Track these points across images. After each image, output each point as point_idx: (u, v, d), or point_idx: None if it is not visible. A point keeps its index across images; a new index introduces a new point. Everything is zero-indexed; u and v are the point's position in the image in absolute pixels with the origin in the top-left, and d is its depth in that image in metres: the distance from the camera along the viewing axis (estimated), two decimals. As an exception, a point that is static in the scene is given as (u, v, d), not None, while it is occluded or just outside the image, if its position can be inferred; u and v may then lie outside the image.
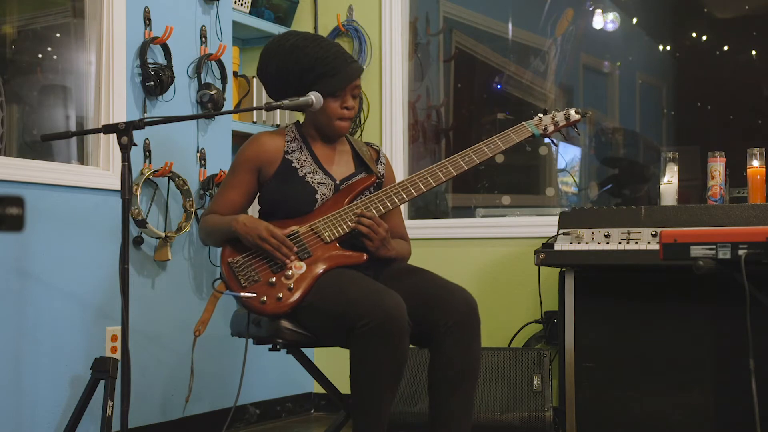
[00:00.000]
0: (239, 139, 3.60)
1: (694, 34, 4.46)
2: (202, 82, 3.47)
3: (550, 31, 4.44)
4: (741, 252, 2.04)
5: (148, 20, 3.26)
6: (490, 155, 2.63)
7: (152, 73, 3.22)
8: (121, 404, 2.31)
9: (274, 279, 2.47)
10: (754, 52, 4.18)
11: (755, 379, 2.00)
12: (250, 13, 3.90)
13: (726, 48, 4.33)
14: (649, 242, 2.96)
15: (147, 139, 3.23)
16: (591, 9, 4.45)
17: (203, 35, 3.50)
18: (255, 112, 3.92)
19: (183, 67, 3.41)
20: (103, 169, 3.11)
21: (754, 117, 4.16)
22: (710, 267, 2.04)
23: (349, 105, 2.64)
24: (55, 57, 3.52)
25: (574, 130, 2.78)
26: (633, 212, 3.07)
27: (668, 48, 4.67)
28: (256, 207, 2.73)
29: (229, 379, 3.52)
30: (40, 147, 3.21)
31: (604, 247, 2.99)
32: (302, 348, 2.59)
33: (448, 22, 4.47)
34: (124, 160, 2.34)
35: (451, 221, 4.03)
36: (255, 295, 2.44)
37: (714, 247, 2.08)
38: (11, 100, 3.26)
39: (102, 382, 2.68)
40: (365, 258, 2.54)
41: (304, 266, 2.49)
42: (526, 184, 4.62)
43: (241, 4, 3.84)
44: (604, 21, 4.43)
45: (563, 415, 3.11)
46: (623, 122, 4.64)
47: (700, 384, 3.03)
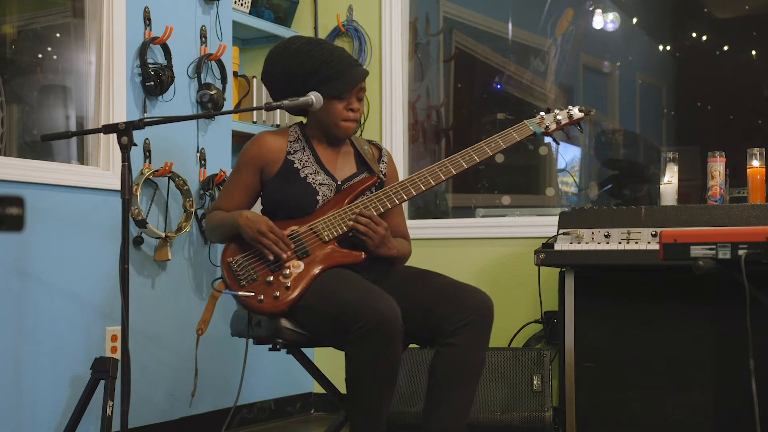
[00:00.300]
0: (239, 139, 3.60)
1: (694, 34, 4.46)
2: (202, 82, 3.47)
3: (550, 31, 4.44)
4: (741, 252, 2.04)
5: (148, 20, 3.26)
6: (491, 154, 2.63)
7: (152, 73, 3.22)
8: (121, 404, 2.31)
9: (271, 278, 2.47)
10: (754, 52, 4.18)
11: (755, 379, 2.00)
12: (250, 13, 3.90)
13: (726, 48, 4.33)
14: (649, 242, 2.96)
15: (147, 139, 3.23)
16: (591, 9, 4.45)
17: (203, 35, 3.50)
18: (255, 112, 3.92)
19: (183, 67, 3.41)
20: (103, 169, 3.11)
21: (754, 117, 4.16)
22: (710, 267, 2.04)
23: (355, 107, 2.64)
24: (55, 57, 3.52)
25: (576, 128, 2.77)
26: (633, 212, 3.07)
27: (668, 48, 4.66)
28: (259, 207, 2.73)
29: (229, 379, 3.51)
30: (40, 147, 3.21)
31: (604, 247, 2.99)
32: (302, 348, 2.59)
33: (448, 22, 4.47)
34: (124, 160, 2.34)
35: (451, 221, 4.03)
36: (252, 294, 2.44)
37: (714, 247, 2.08)
38: (11, 100, 3.26)
39: (102, 382, 2.68)
40: (363, 257, 2.54)
41: (302, 265, 2.49)
42: (526, 184, 4.62)
43: (241, 4, 3.84)
44: (604, 21, 4.43)
45: (563, 415, 3.11)
46: (623, 122, 4.64)
47: (700, 384, 3.03)
